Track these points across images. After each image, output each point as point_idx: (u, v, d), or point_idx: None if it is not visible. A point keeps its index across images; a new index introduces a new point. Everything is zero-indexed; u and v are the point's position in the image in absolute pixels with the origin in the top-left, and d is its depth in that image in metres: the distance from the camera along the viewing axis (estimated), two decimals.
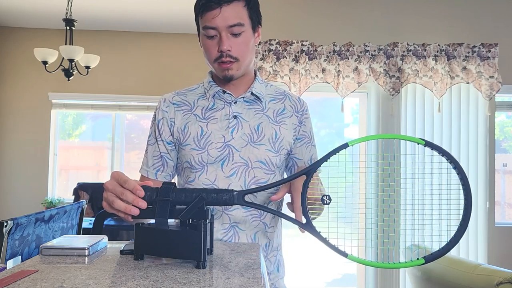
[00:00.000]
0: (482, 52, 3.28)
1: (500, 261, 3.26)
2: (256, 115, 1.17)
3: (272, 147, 1.15)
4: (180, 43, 5.09)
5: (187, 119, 1.17)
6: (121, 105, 5.24)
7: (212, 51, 1.11)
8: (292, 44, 3.24)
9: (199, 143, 1.14)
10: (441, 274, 1.99)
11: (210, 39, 1.10)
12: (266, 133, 1.16)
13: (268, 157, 1.14)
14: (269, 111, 1.19)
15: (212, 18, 1.06)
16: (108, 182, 0.85)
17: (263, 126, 1.16)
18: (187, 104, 1.19)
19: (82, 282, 0.68)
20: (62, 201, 4.93)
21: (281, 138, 1.17)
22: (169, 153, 1.19)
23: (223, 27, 1.07)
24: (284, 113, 1.20)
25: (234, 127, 1.14)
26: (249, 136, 1.14)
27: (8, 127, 5.11)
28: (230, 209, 1.12)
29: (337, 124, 4.78)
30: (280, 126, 1.18)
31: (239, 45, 1.10)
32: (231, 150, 1.13)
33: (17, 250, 1.52)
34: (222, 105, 1.17)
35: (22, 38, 5.15)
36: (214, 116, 1.16)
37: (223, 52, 1.09)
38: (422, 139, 0.81)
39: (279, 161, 1.16)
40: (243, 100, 1.18)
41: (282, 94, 1.25)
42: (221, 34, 1.08)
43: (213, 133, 1.14)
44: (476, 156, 3.33)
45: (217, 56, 1.10)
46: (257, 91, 1.19)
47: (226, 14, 1.06)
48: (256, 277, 0.72)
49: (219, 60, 1.11)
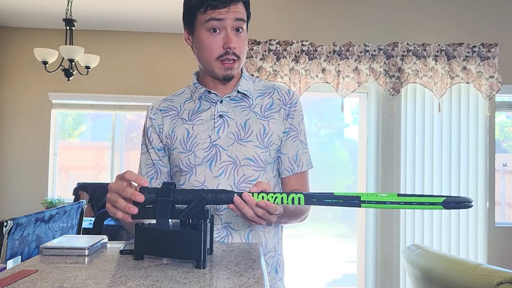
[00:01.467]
0: (482, 52, 3.28)
1: (500, 261, 3.25)
2: (243, 112, 1.14)
3: (261, 143, 1.12)
4: (180, 43, 5.06)
5: (174, 124, 1.15)
6: (121, 105, 5.24)
7: (215, 48, 1.06)
8: (292, 44, 3.24)
9: (185, 145, 1.12)
10: (441, 274, 1.99)
11: (213, 33, 1.05)
12: (254, 129, 1.12)
13: (256, 154, 1.11)
14: (257, 107, 1.16)
15: (220, 14, 1.04)
16: (112, 183, 0.86)
17: (250, 122, 1.13)
18: (174, 109, 1.17)
19: (82, 282, 0.68)
20: (62, 201, 4.93)
21: (270, 133, 1.13)
22: (161, 160, 1.18)
23: (231, 21, 1.04)
24: (272, 108, 1.16)
25: (220, 126, 1.12)
26: (235, 133, 1.11)
27: (8, 127, 5.11)
28: (221, 209, 1.10)
29: (337, 124, 4.78)
30: (268, 121, 1.14)
31: (241, 42, 1.07)
32: (218, 149, 1.11)
33: (17, 250, 1.52)
34: (208, 105, 1.15)
35: (22, 38, 5.14)
36: (199, 117, 1.14)
37: (230, 49, 1.05)
38: (440, 198, 0.76)
39: (268, 157, 1.13)
40: (229, 99, 1.15)
41: (270, 88, 1.21)
42: (227, 30, 1.05)
43: (199, 134, 1.12)
44: (476, 156, 3.33)
45: (222, 53, 1.06)
46: (243, 89, 1.15)
47: (233, 11, 1.05)
48: (256, 277, 0.72)
49: (223, 58, 1.07)
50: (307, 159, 1.19)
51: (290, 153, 1.17)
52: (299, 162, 1.18)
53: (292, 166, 1.17)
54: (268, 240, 1.15)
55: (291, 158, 1.17)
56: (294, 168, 1.17)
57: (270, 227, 1.16)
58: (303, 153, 1.19)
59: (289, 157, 1.17)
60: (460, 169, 3.32)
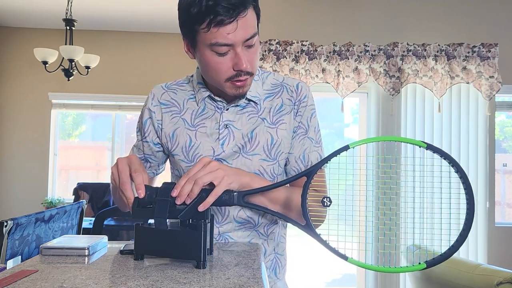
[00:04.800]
0: (482, 52, 3.28)
1: (500, 261, 3.25)
2: (250, 120, 1.05)
3: (268, 155, 1.04)
4: (180, 43, 5.08)
5: (175, 124, 1.08)
6: (121, 105, 5.24)
7: (224, 70, 0.93)
8: (292, 44, 3.24)
9: (187, 154, 1.05)
10: (441, 274, 1.99)
11: (221, 56, 0.91)
12: (261, 140, 1.04)
13: (262, 167, 1.03)
14: (265, 112, 1.06)
15: (228, 34, 0.87)
16: (122, 162, 0.88)
17: (257, 131, 1.04)
18: (176, 105, 1.09)
19: (82, 282, 0.68)
20: (62, 201, 4.93)
21: (278, 142, 1.04)
22: (154, 154, 1.13)
23: (240, 41, 0.89)
24: (282, 110, 1.06)
25: (225, 139, 1.03)
26: (241, 146, 1.03)
27: (8, 127, 5.11)
28: (222, 222, 1.06)
29: (337, 124, 4.78)
30: (277, 128, 1.05)
31: (253, 56, 0.94)
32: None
33: (17, 250, 1.52)
34: (213, 111, 1.06)
35: (22, 38, 5.15)
36: (203, 124, 1.05)
37: (241, 71, 0.92)
38: (423, 142, 0.79)
39: (277, 169, 1.05)
40: (236, 105, 1.05)
41: (279, 86, 1.09)
42: (236, 49, 0.90)
43: (202, 144, 1.04)
44: (476, 156, 3.33)
45: (232, 75, 0.93)
46: (252, 95, 1.05)
47: (243, 26, 0.88)
48: (256, 277, 0.72)
49: (235, 79, 0.94)
50: (317, 157, 1.07)
51: (296, 152, 1.07)
52: (307, 161, 1.07)
53: (299, 166, 1.07)
54: (268, 247, 1.11)
55: (298, 157, 1.07)
56: (301, 167, 1.07)
57: (274, 233, 1.12)
58: (312, 151, 1.07)
59: (295, 157, 1.07)
60: None
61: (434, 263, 0.78)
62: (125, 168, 0.87)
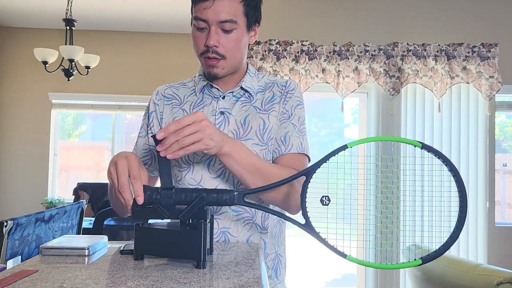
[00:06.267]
0: (482, 52, 3.28)
1: (500, 261, 3.25)
2: (243, 108, 1.12)
3: (260, 140, 1.09)
4: (180, 43, 5.09)
5: (175, 114, 1.14)
6: (121, 105, 5.24)
7: (200, 44, 1.05)
8: (292, 44, 3.24)
9: None
10: (441, 274, 1.99)
11: (200, 31, 1.04)
12: (253, 125, 1.10)
13: (255, 152, 1.06)
14: (257, 102, 1.13)
15: (204, 9, 1.01)
16: (121, 164, 0.86)
17: (249, 118, 1.10)
18: (177, 98, 1.18)
19: (82, 282, 0.68)
20: (62, 201, 4.93)
21: (270, 127, 1.10)
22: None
23: (214, 21, 1.01)
24: (273, 100, 1.13)
25: (221, 124, 1.10)
26: (235, 132, 1.09)
27: (8, 127, 5.11)
28: (218, 212, 1.08)
29: (337, 124, 4.78)
30: (269, 114, 1.11)
31: (229, 42, 1.04)
32: None
33: (17, 250, 1.52)
34: (210, 100, 1.14)
35: (22, 38, 5.15)
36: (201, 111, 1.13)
37: (209, 47, 1.03)
38: (419, 142, 0.81)
39: (268, 154, 1.10)
40: (232, 95, 1.13)
41: (270, 83, 1.18)
42: (211, 28, 1.02)
43: None
44: (476, 156, 3.33)
45: (203, 50, 1.05)
46: (247, 85, 1.13)
47: (218, 8, 1.00)
48: (256, 277, 0.72)
49: (205, 55, 1.05)
50: (298, 143, 1.10)
51: (278, 134, 1.11)
52: (287, 143, 1.10)
53: (280, 147, 1.10)
54: (268, 244, 1.12)
55: (279, 139, 1.10)
56: (281, 149, 1.10)
57: (271, 231, 1.13)
58: (293, 135, 1.11)
59: (276, 139, 1.11)
60: (460, 169, 3.32)
61: (429, 259, 0.80)
62: (124, 171, 0.86)
